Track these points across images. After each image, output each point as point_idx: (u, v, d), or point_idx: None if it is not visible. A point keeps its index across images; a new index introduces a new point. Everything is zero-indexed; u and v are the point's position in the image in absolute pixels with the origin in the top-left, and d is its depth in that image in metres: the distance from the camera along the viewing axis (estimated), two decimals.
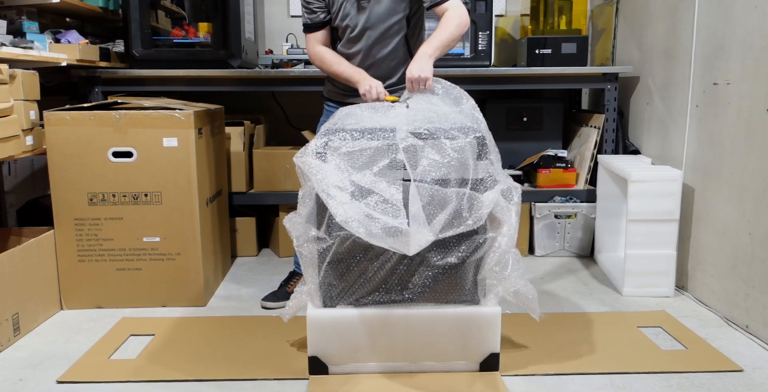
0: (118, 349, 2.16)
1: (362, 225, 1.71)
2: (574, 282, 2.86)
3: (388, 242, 1.72)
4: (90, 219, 2.48)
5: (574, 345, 2.16)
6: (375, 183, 1.79)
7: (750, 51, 2.26)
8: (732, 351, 2.12)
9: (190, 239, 2.52)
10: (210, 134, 2.72)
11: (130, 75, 3.08)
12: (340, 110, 2.04)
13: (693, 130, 2.65)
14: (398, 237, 1.72)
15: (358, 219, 1.72)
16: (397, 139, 1.83)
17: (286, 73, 3.13)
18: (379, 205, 1.76)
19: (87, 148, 2.44)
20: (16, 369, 2.03)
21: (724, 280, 2.42)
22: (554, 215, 3.21)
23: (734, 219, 2.35)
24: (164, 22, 3.37)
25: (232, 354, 2.11)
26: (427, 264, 1.85)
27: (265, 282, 2.87)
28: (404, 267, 1.87)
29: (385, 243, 1.72)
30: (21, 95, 2.32)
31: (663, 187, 2.58)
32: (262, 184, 3.22)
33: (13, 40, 2.40)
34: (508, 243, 1.84)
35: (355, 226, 1.71)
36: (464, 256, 1.85)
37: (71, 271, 2.51)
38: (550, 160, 3.29)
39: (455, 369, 1.94)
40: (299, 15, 3.79)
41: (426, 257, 1.85)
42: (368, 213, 1.73)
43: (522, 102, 3.54)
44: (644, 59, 3.15)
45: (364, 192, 1.78)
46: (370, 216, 1.72)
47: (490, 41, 3.22)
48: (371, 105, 2.05)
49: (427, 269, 1.86)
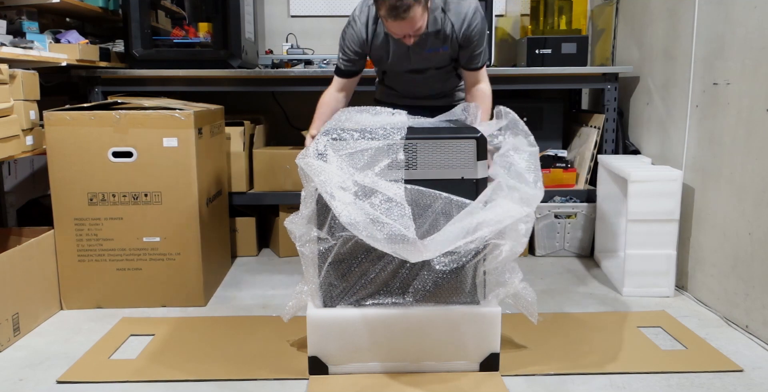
0: (118, 349, 2.16)
1: (366, 228, 1.71)
2: (574, 282, 2.86)
3: (392, 248, 1.71)
4: (90, 219, 2.48)
5: (574, 345, 2.16)
6: (378, 182, 1.78)
7: (750, 51, 2.26)
8: (732, 351, 2.12)
9: (190, 239, 2.52)
10: (210, 134, 2.72)
11: (130, 75, 3.08)
12: (340, 113, 2.04)
13: (693, 130, 2.65)
14: (403, 245, 1.71)
15: (363, 222, 1.71)
16: (397, 139, 1.83)
17: (286, 73, 3.13)
18: (384, 205, 1.75)
19: (87, 148, 2.44)
20: (16, 369, 2.03)
21: (724, 280, 2.42)
22: (554, 215, 3.21)
23: (734, 219, 2.35)
24: (164, 22, 3.37)
25: (232, 354, 2.11)
26: (429, 268, 1.85)
27: (265, 282, 2.87)
28: (406, 271, 1.87)
29: (390, 249, 1.72)
30: (21, 95, 2.32)
31: (663, 187, 2.58)
32: (262, 184, 3.22)
33: (13, 40, 2.40)
34: (511, 250, 1.84)
35: (360, 228, 1.71)
36: (466, 260, 1.84)
37: (71, 271, 2.51)
38: (550, 160, 3.29)
39: (455, 369, 1.93)
40: (299, 15, 3.82)
41: (428, 261, 1.84)
42: (373, 216, 1.72)
43: (522, 102, 3.54)
44: (644, 59, 3.15)
45: (367, 192, 1.77)
46: (375, 220, 1.71)
47: (490, 41, 3.21)
48: (371, 109, 2.04)
49: (429, 273, 1.86)
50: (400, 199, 1.76)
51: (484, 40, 2.27)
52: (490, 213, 1.76)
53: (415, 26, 2.05)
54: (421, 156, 1.84)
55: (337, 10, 3.74)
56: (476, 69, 2.32)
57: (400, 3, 1.96)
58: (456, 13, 2.20)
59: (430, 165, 1.85)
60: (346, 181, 1.77)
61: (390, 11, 1.98)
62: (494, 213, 1.77)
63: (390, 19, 2.01)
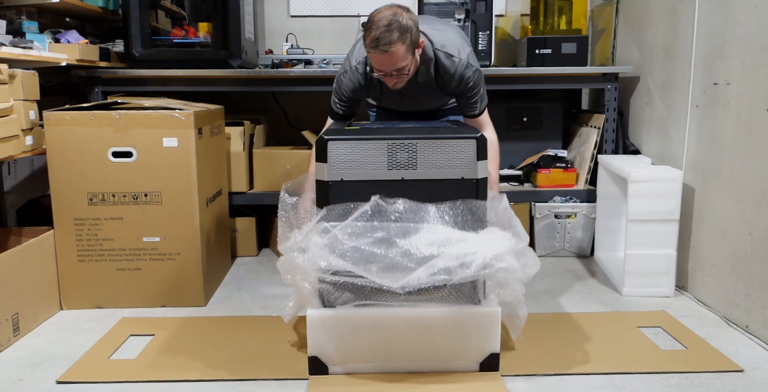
0: (118, 349, 2.16)
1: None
2: (574, 282, 2.86)
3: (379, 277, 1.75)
4: (90, 219, 2.48)
5: (574, 345, 2.16)
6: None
7: (750, 51, 2.26)
8: (732, 351, 2.12)
9: (190, 239, 2.52)
10: (210, 134, 2.72)
11: (130, 75, 3.08)
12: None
13: (693, 130, 2.65)
14: (389, 273, 1.75)
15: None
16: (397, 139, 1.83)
17: (286, 73, 3.13)
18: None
19: (87, 148, 2.44)
20: (16, 369, 2.03)
21: (724, 280, 2.42)
22: (554, 215, 3.21)
23: (734, 219, 2.35)
24: (164, 22, 3.37)
25: (232, 354, 2.11)
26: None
27: (265, 282, 2.87)
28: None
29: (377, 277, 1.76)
30: (21, 95, 2.32)
31: (663, 187, 2.58)
32: (262, 184, 3.22)
33: (12, 40, 2.40)
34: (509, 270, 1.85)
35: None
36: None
37: (71, 271, 2.51)
38: (550, 160, 3.29)
39: (455, 369, 1.93)
40: (299, 15, 3.82)
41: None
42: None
43: (522, 102, 3.54)
44: (644, 59, 3.15)
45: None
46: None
47: (490, 41, 3.21)
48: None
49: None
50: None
51: (480, 89, 2.25)
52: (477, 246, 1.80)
53: (396, 64, 2.04)
54: (421, 156, 1.84)
55: (337, 10, 3.74)
56: (475, 116, 2.30)
57: (383, 35, 1.96)
58: (447, 70, 2.20)
59: (430, 165, 1.85)
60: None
61: (373, 42, 1.99)
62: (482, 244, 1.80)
63: (372, 51, 2.02)
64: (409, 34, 1.99)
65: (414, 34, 2.02)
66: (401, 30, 1.97)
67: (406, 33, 1.98)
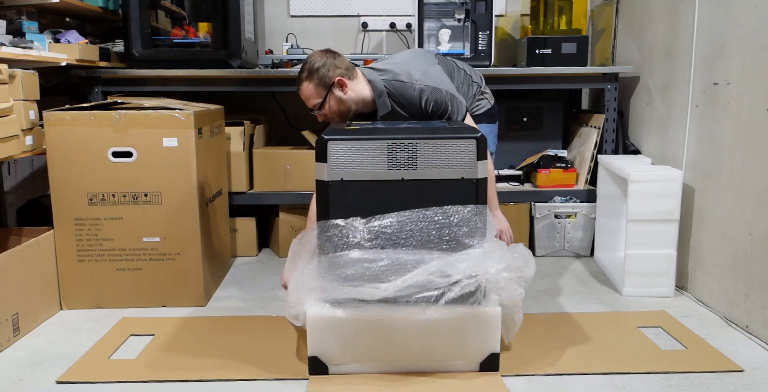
0: (118, 349, 2.16)
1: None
2: (574, 282, 2.86)
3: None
4: (90, 219, 2.48)
5: (574, 345, 2.16)
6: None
7: (750, 51, 2.26)
8: (732, 351, 2.12)
9: (190, 239, 2.52)
10: (210, 134, 2.72)
11: (130, 75, 3.08)
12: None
13: (693, 130, 2.65)
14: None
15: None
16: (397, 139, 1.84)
17: (286, 73, 3.13)
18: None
19: (87, 148, 2.44)
20: (16, 369, 2.03)
21: (724, 280, 2.42)
22: (554, 215, 3.21)
23: (734, 219, 2.35)
24: (164, 22, 3.37)
25: (232, 354, 2.11)
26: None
27: (265, 282, 2.87)
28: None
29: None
30: (21, 95, 2.32)
31: (663, 187, 2.58)
32: (262, 184, 3.22)
33: (12, 40, 2.40)
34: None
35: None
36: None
37: (71, 271, 2.51)
38: (550, 160, 3.29)
39: (455, 369, 1.93)
40: (299, 15, 3.82)
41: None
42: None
43: (522, 102, 3.54)
44: (644, 59, 3.15)
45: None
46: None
47: (490, 41, 3.21)
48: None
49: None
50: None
51: (447, 104, 2.23)
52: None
53: (308, 101, 2.25)
54: (421, 156, 1.84)
55: (337, 10, 3.74)
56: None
57: (298, 76, 2.23)
58: (404, 97, 2.25)
59: (430, 165, 1.85)
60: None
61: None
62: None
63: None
64: (316, 73, 2.19)
65: (322, 74, 2.19)
66: (309, 71, 2.20)
67: (313, 73, 2.20)
